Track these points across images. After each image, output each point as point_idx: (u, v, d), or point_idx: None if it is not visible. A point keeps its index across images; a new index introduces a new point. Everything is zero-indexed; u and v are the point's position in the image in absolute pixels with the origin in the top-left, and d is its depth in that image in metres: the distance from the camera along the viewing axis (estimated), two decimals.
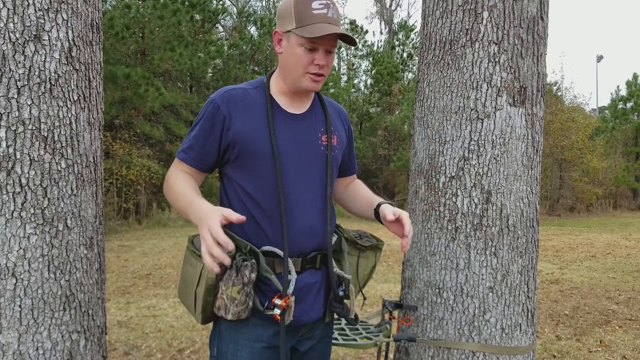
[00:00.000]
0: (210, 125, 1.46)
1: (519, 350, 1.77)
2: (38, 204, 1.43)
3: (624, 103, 23.65)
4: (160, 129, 13.78)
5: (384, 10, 27.81)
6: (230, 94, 1.49)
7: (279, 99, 1.52)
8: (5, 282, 1.39)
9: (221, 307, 1.38)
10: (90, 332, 1.58)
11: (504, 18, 1.76)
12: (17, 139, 1.40)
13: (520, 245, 1.79)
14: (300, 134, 1.52)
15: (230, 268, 1.38)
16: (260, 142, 1.45)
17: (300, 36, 1.40)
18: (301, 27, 1.40)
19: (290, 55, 1.45)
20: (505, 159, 1.76)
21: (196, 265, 1.43)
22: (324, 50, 1.43)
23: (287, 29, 1.44)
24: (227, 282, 1.37)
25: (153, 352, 3.81)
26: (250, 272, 1.37)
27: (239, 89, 1.51)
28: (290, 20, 1.42)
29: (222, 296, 1.38)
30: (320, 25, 1.40)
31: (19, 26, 1.41)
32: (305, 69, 1.44)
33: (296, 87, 1.49)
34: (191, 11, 14.09)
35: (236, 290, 1.37)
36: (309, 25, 1.40)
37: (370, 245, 1.68)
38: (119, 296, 5.51)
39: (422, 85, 1.92)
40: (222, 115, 1.45)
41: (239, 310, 1.37)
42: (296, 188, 1.48)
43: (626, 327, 4.57)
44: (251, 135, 1.45)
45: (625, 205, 21.56)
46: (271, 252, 1.44)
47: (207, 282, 1.38)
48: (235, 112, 1.46)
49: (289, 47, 1.45)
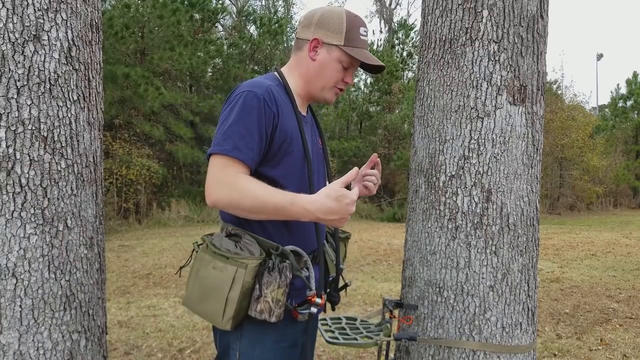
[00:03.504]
0: (262, 121, 1.38)
1: (519, 349, 1.77)
2: (38, 204, 1.43)
3: (624, 101, 23.64)
4: (160, 129, 13.78)
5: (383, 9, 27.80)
6: (271, 90, 1.43)
7: (297, 100, 1.54)
8: (5, 282, 1.39)
9: (265, 311, 1.34)
10: (90, 332, 1.58)
11: (504, 16, 1.76)
12: (17, 139, 1.40)
13: (521, 244, 1.79)
14: (310, 135, 1.58)
15: (272, 270, 1.35)
16: (296, 142, 1.47)
17: (348, 54, 1.48)
18: (349, 47, 1.48)
19: (326, 67, 1.50)
20: (505, 157, 1.76)
21: (225, 268, 1.34)
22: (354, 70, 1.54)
23: (332, 42, 1.49)
24: (272, 285, 1.34)
25: (153, 351, 3.81)
26: (290, 273, 1.38)
27: (272, 86, 1.46)
28: (339, 36, 1.48)
29: (267, 299, 1.34)
30: (365, 51, 1.51)
31: (18, 26, 1.40)
32: (335, 84, 1.52)
33: (316, 96, 1.55)
34: (191, 10, 14.09)
35: (281, 292, 1.35)
36: (356, 48, 1.49)
37: (343, 237, 1.79)
38: (120, 296, 5.51)
39: (422, 84, 1.92)
40: (273, 112, 1.40)
41: (281, 312, 1.36)
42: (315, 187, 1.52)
43: (627, 326, 4.57)
44: (291, 134, 1.46)
45: (625, 204, 21.56)
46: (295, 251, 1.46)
47: (243, 286, 1.32)
48: (279, 110, 1.43)
49: (328, 59, 1.50)
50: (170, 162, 14.73)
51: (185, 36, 13.70)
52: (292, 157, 1.46)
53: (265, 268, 1.35)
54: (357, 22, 1.52)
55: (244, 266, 1.33)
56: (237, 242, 1.41)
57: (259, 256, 1.36)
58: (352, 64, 1.51)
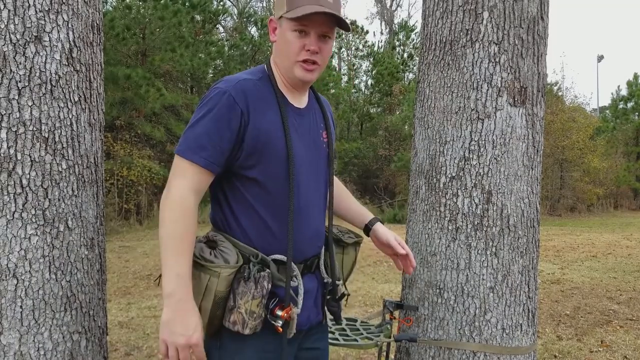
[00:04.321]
0: (226, 121, 1.29)
1: (519, 351, 1.77)
2: (39, 205, 1.44)
3: (625, 103, 23.61)
4: (161, 130, 13.79)
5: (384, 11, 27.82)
6: (243, 85, 1.33)
7: (284, 90, 1.42)
8: (6, 283, 1.39)
9: (238, 322, 1.27)
10: (91, 333, 1.59)
11: (504, 18, 1.76)
12: (18, 140, 1.41)
13: (521, 245, 1.79)
14: (306, 130, 1.44)
15: (247, 280, 1.27)
16: (276, 141, 1.34)
17: (289, 19, 1.32)
18: (291, 10, 1.32)
19: (282, 42, 1.37)
20: (505, 159, 1.76)
21: (198, 276, 1.28)
22: (316, 34, 1.34)
23: (279, 15, 1.36)
24: (246, 296, 1.27)
25: (154, 352, 3.81)
26: (267, 283, 1.29)
27: (249, 80, 1.36)
28: (282, 5, 1.35)
29: (240, 310, 1.27)
30: (308, 6, 1.30)
31: (19, 27, 1.41)
32: (296, 56, 1.35)
33: (289, 77, 1.40)
34: (192, 12, 14.09)
35: (255, 303, 1.27)
36: (298, 8, 1.31)
37: (352, 242, 1.64)
38: (120, 297, 5.51)
39: (423, 86, 1.92)
40: (240, 109, 1.30)
41: (256, 324, 1.28)
42: (306, 189, 1.41)
43: (627, 327, 4.56)
44: (268, 133, 1.34)
45: (626, 205, 21.52)
46: (278, 260, 1.36)
47: (216, 295, 1.27)
48: (252, 106, 1.32)
49: (281, 34, 1.37)
50: (171, 163, 14.67)
51: (186, 37, 13.71)
52: (272, 157, 1.34)
53: (242, 277, 1.28)
54: None
55: (216, 275, 1.26)
56: (213, 248, 1.33)
57: (233, 264, 1.28)
58: (304, 25, 1.33)
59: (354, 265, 1.67)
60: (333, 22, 1.35)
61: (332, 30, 1.38)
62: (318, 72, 1.40)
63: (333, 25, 1.37)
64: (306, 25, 1.33)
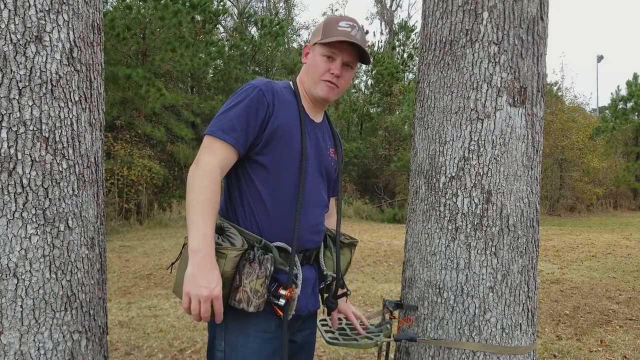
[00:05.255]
0: (254, 109, 1.49)
1: (519, 350, 1.78)
2: (39, 205, 1.44)
3: (624, 103, 23.62)
4: (162, 130, 13.79)
5: (384, 11, 27.82)
6: (272, 85, 1.56)
7: (304, 104, 1.64)
8: (6, 282, 1.39)
9: (243, 300, 1.40)
10: (91, 332, 1.59)
11: (504, 18, 1.76)
12: (19, 140, 1.41)
13: (521, 245, 1.79)
14: (319, 140, 1.65)
15: (252, 261, 1.41)
16: (292, 136, 1.54)
17: (321, 44, 1.57)
18: (324, 39, 1.57)
19: (312, 63, 1.61)
20: (505, 159, 1.77)
21: None
22: (341, 62, 1.58)
23: (314, 42, 1.61)
24: (251, 275, 1.40)
25: (154, 352, 3.82)
26: (271, 265, 1.42)
27: (277, 84, 1.59)
28: (318, 35, 1.60)
29: (245, 289, 1.39)
30: (339, 37, 1.55)
31: (20, 27, 1.41)
32: (321, 76, 1.58)
33: (312, 94, 1.62)
34: (192, 12, 14.09)
35: (260, 283, 1.40)
36: (331, 37, 1.56)
37: (348, 242, 1.81)
38: (120, 296, 5.51)
39: (422, 86, 1.93)
40: (267, 102, 1.51)
41: (259, 302, 1.41)
42: (312, 187, 1.59)
43: (627, 327, 4.57)
44: (287, 127, 1.53)
45: (625, 205, 21.54)
46: (280, 247, 1.51)
47: (222, 275, 1.38)
48: (278, 103, 1.53)
49: (312, 57, 1.62)
50: (172, 163, 14.74)
51: (186, 37, 13.71)
52: (283, 149, 1.52)
53: (247, 259, 1.41)
54: (336, 18, 1.62)
55: (223, 256, 1.39)
56: (220, 234, 1.48)
57: (239, 247, 1.41)
58: (333, 52, 1.57)
59: (348, 266, 1.84)
60: (357, 55, 1.61)
61: (355, 61, 1.62)
62: (337, 94, 1.63)
63: (356, 58, 1.62)
64: (334, 52, 1.58)
